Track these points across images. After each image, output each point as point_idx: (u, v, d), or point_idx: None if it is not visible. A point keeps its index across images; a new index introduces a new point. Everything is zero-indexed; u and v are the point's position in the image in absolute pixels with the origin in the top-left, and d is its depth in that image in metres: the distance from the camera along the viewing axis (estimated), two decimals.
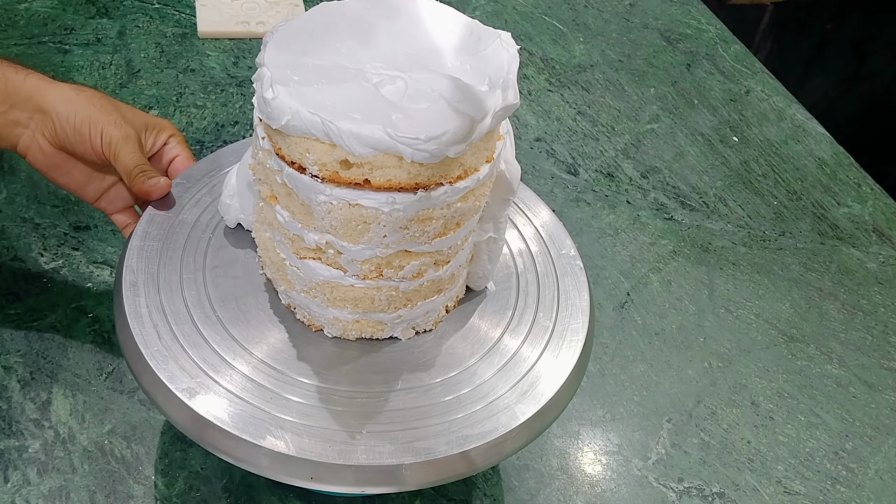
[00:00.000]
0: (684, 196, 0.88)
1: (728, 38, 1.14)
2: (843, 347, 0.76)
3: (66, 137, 0.54)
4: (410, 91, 0.41)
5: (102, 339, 0.63)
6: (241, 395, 0.43)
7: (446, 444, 0.42)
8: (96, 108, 0.54)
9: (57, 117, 0.53)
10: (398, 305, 0.47)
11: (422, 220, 0.42)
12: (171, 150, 0.57)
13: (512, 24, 1.08)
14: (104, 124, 0.53)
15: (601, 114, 0.97)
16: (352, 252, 0.43)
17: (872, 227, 0.89)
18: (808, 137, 1.00)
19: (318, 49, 0.43)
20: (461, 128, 0.39)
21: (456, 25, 0.46)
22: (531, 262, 0.54)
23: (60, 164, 0.56)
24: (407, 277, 0.45)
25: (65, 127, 0.53)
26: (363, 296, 0.46)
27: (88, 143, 0.53)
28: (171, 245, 0.51)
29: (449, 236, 0.45)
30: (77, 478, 0.56)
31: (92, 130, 0.53)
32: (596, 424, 0.66)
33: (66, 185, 0.57)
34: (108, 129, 0.53)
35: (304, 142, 0.40)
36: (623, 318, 0.74)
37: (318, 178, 0.41)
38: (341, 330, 0.48)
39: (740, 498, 0.63)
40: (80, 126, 0.53)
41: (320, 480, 0.41)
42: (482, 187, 0.45)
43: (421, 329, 0.49)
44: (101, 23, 0.94)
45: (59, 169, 0.56)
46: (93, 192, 0.58)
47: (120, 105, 0.56)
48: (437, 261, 0.46)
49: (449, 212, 0.43)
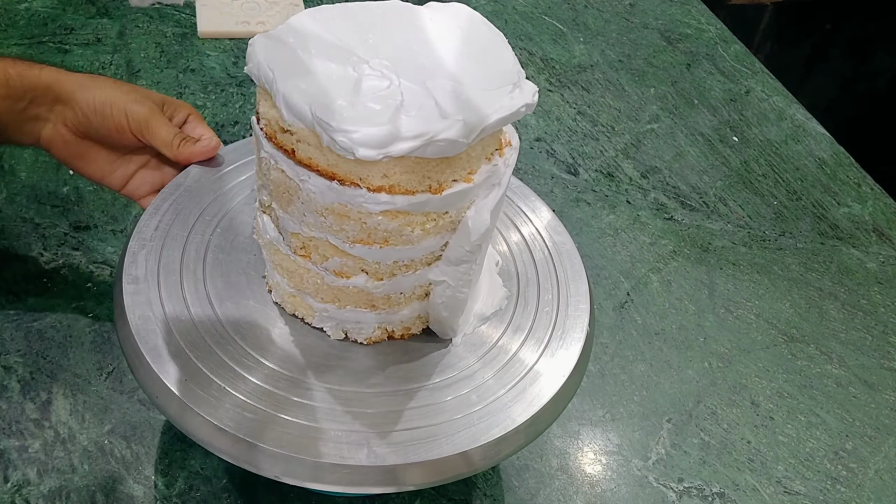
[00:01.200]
0: (684, 196, 0.88)
1: (728, 38, 1.14)
2: (843, 347, 0.76)
3: (88, 123, 0.54)
4: (385, 93, 0.40)
5: (102, 339, 0.63)
6: (242, 395, 0.43)
7: (446, 444, 0.42)
8: (114, 90, 0.54)
9: (77, 104, 0.54)
10: (325, 297, 0.46)
11: (337, 214, 0.42)
12: (194, 128, 0.57)
13: (512, 24, 1.08)
14: (126, 103, 0.54)
15: (601, 114, 0.97)
16: (282, 220, 0.44)
17: (872, 227, 0.89)
18: (808, 137, 1.00)
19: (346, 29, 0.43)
20: (377, 135, 0.38)
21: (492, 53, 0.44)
22: (531, 261, 0.54)
23: (84, 153, 0.56)
24: (330, 271, 0.45)
25: (86, 112, 0.54)
26: (294, 270, 0.46)
27: (113, 124, 0.54)
28: (171, 245, 0.51)
29: (373, 249, 0.43)
30: (77, 478, 0.56)
31: (115, 111, 0.53)
32: (596, 424, 0.66)
33: (92, 174, 0.58)
34: (132, 108, 0.54)
35: (262, 94, 0.42)
36: (623, 318, 0.74)
37: (264, 133, 0.43)
38: (281, 298, 0.48)
39: (740, 498, 0.63)
40: (102, 108, 0.53)
41: (320, 480, 0.41)
42: (419, 216, 0.42)
43: (352, 337, 0.48)
44: (101, 23, 0.94)
45: (83, 158, 0.56)
46: (118, 179, 0.58)
47: (135, 86, 0.56)
48: (367, 270, 0.45)
49: (370, 221, 0.42)
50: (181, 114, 0.58)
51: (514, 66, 0.44)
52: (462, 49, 0.44)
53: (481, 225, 0.43)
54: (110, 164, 0.57)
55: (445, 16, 0.46)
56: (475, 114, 0.40)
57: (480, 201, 0.44)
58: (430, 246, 0.44)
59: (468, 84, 0.41)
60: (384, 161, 0.39)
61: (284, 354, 0.46)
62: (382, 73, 0.41)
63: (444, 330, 0.48)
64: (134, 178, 0.58)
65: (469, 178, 0.43)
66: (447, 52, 0.43)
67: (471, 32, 0.45)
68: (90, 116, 0.54)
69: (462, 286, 0.46)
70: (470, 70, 0.42)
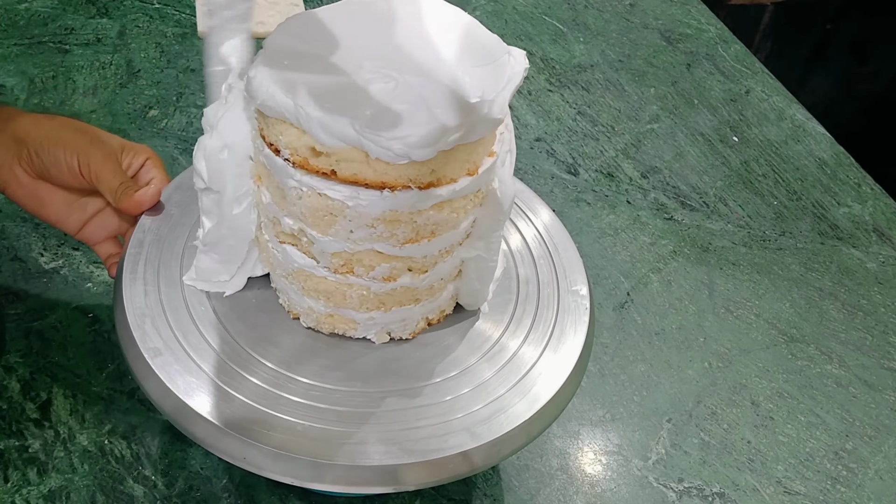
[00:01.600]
0: (684, 196, 0.88)
1: (728, 38, 1.14)
2: (843, 347, 0.76)
3: (42, 164, 0.52)
4: (398, 92, 0.40)
5: (102, 338, 0.63)
6: (242, 395, 0.43)
7: (446, 444, 0.42)
8: (72, 132, 0.53)
9: (33, 143, 0.52)
10: (370, 306, 0.46)
11: (388, 221, 0.42)
12: (148, 172, 0.56)
13: (512, 24, 1.08)
14: (81, 146, 0.52)
15: (601, 114, 0.97)
16: (321, 243, 0.43)
17: (872, 227, 0.89)
18: (808, 137, 1.00)
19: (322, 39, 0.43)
20: (430, 132, 0.38)
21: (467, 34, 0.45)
22: (531, 261, 0.54)
23: (40, 195, 0.55)
24: (378, 279, 0.45)
25: (40, 153, 0.52)
26: (335, 290, 0.46)
27: (66, 167, 0.52)
28: (171, 244, 0.51)
29: (422, 244, 0.44)
30: (77, 478, 0.56)
31: (67, 153, 0.52)
32: (596, 424, 0.66)
33: (48, 217, 0.56)
34: (86, 151, 0.52)
35: (279, 124, 0.41)
36: (623, 318, 0.74)
37: (290, 162, 0.41)
38: (315, 321, 0.48)
39: (740, 498, 0.63)
40: (57, 150, 0.52)
41: (320, 480, 0.41)
42: (461, 200, 0.43)
43: (396, 336, 0.49)
44: (102, 23, 0.94)
45: (39, 200, 0.55)
46: (74, 223, 0.56)
47: (95, 129, 0.55)
48: (412, 268, 0.45)
49: (420, 218, 0.42)
50: (140, 158, 0.56)
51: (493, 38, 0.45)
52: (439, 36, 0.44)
53: (510, 192, 0.45)
54: (66, 206, 0.56)
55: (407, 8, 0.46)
56: (493, 89, 0.41)
57: (501, 170, 0.45)
58: (467, 226, 0.46)
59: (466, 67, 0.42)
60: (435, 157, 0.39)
61: (284, 354, 0.46)
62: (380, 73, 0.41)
63: (475, 300, 0.50)
64: (90, 223, 0.57)
65: (493, 152, 0.44)
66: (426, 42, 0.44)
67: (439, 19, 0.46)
68: (43, 157, 0.52)
69: (493, 255, 0.48)
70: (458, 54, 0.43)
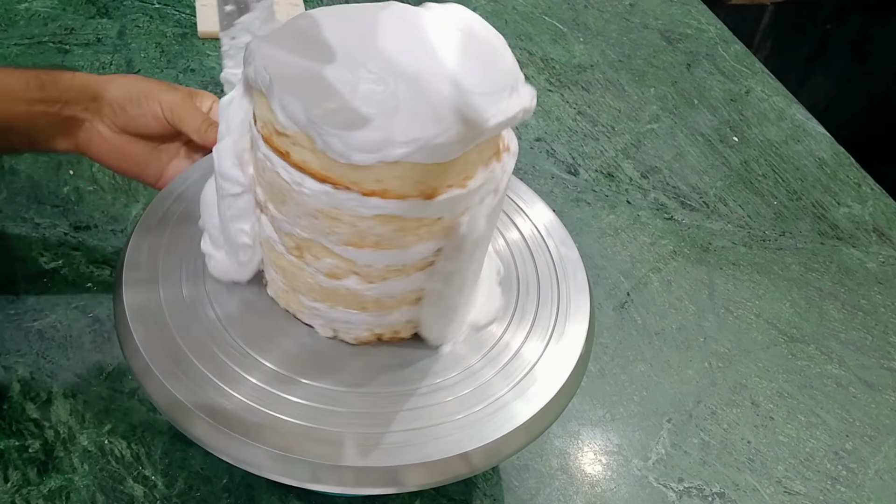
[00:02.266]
0: (684, 196, 0.88)
1: (728, 38, 1.14)
2: (843, 347, 0.76)
3: (124, 114, 0.56)
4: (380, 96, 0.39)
5: (103, 338, 0.63)
6: (242, 395, 0.43)
7: (446, 444, 0.42)
8: (146, 82, 0.57)
9: (113, 98, 0.56)
10: (316, 297, 0.46)
11: (329, 216, 0.41)
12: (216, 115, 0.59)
13: (512, 24, 1.08)
14: (158, 92, 0.56)
15: (601, 114, 0.97)
16: (277, 220, 0.44)
17: (872, 227, 0.89)
18: (808, 137, 1.00)
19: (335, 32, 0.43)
20: (376, 141, 0.37)
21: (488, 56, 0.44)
22: (531, 261, 0.54)
23: (122, 148, 0.58)
24: (322, 271, 0.45)
25: (123, 104, 0.56)
26: (288, 268, 0.46)
27: (149, 113, 0.56)
28: (172, 244, 0.51)
29: (365, 252, 0.43)
30: (77, 478, 0.56)
31: (149, 101, 0.56)
32: (596, 424, 0.66)
33: (129, 170, 0.60)
34: (165, 96, 0.56)
35: (259, 96, 0.42)
36: (623, 318, 0.74)
37: (260, 134, 0.42)
38: (274, 293, 0.49)
39: (740, 498, 0.63)
40: (137, 99, 0.56)
41: (320, 481, 0.41)
42: (411, 221, 0.41)
43: (341, 336, 0.48)
44: (102, 23, 0.94)
45: (121, 154, 0.58)
46: (153, 173, 0.60)
47: (164, 82, 0.59)
48: (358, 272, 0.44)
49: (362, 224, 0.41)
50: (206, 103, 0.60)
51: (512, 68, 0.43)
52: (460, 51, 0.43)
53: (475, 231, 0.43)
54: (146, 157, 0.59)
55: (443, 17, 0.46)
56: (471, 119, 0.39)
57: (476, 207, 0.43)
58: (422, 251, 0.43)
59: (466, 88, 0.41)
60: (378, 165, 0.38)
61: (285, 355, 0.46)
62: (379, 76, 0.41)
63: (430, 335, 0.48)
64: (167, 170, 0.60)
65: (464, 183, 0.42)
66: (445, 54, 0.43)
67: (469, 34, 0.45)
68: (126, 107, 0.56)
69: (454, 293, 0.45)
70: (468, 73, 0.42)
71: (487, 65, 0.43)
